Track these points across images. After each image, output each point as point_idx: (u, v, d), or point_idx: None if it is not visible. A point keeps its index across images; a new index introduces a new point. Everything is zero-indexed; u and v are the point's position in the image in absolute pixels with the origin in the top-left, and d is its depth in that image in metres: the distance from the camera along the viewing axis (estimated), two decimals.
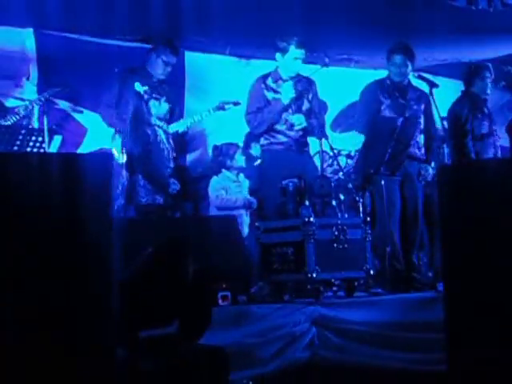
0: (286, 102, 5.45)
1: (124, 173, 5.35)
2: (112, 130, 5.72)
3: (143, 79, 5.62)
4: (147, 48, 5.95)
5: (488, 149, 6.15)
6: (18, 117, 5.44)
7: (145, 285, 3.13)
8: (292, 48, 5.42)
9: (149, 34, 6.53)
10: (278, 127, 5.50)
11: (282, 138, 5.52)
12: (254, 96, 5.56)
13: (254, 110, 5.50)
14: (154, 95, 5.74)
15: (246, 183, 6.74)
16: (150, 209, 5.62)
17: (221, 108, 6.04)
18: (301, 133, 5.55)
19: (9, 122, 5.38)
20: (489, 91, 6.21)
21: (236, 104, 6.02)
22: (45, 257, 2.45)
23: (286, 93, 5.45)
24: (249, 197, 6.61)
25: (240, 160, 6.71)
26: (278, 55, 5.51)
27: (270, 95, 5.52)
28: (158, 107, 5.83)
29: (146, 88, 5.54)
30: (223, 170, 6.66)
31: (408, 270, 5.42)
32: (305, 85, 5.55)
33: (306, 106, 5.56)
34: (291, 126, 5.50)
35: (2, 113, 5.52)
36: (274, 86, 5.54)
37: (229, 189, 6.58)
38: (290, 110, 5.50)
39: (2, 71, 6.01)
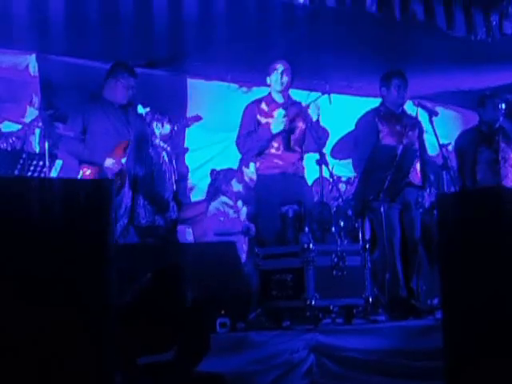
0: (276, 130, 5.42)
1: (128, 193, 5.36)
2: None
3: (105, 107, 5.37)
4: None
5: (494, 176, 6.17)
6: (12, 140, 5.44)
7: (143, 311, 3.12)
8: (276, 62, 5.47)
9: (152, 59, 6.59)
10: (273, 151, 5.48)
11: (277, 162, 5.49)
12: (246, 120, 5.52)
13: (244, 134, 5.50)
14: (156, 116, 5.75)
15: (244, 210, 6.74)
16: (149, 231, 5.61)
17: (185, 125, 6.08)
18: (296, 157, 5.53)
19: (3, 146, 5.38)
20: (500, 118, 6.25)
21: (197, 119, 6.03)
22: (44, 282, 2.45)
23: (278, 120, 5.42)
24: (247, 222, 6.62)
25: (236, 185, 6.72)
26: (268, 78, 5.54)
27: (262, 120, 5.51)
28: (161, 128, 5.86)
29: (147, 109, 5.54)
30: (220, 195, 6.67)
31: (407, 297, 5.41)
32: (296, 110, 5.54)
33: (297, 132, 5.53)
34: (285, 151, 5.48)
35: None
36: (267, 109, 5.53)
37: (227, 215, 6.59)
38: (281, 137, 5.45)
39: (4, 95, 6.04)
